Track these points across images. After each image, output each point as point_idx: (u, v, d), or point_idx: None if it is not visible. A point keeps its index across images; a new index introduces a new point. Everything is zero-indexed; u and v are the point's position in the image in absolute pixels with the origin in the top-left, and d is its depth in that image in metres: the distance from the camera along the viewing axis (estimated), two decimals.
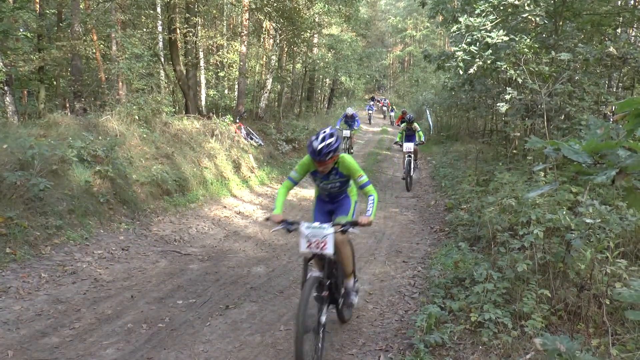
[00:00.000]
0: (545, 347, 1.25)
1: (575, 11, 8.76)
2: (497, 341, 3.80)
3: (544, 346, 1.26)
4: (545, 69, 7.52)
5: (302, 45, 19.19)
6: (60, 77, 15.70)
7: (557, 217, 4.49)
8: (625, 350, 3.36)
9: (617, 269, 3.88)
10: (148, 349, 3.96)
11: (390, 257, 6.72)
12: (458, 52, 8.49)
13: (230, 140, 12.07)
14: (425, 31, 43.43)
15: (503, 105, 8.22)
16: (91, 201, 6.97)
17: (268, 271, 6.07)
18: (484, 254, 5.66)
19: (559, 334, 3.88)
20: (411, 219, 9.06)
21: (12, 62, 11.50)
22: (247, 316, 4.70)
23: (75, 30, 11.66)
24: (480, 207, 6.81)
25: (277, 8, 15.47)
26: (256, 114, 17.22)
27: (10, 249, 5.41)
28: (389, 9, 51.42)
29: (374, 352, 4.03)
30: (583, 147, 1.27)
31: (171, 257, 6.44)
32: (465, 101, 16.19)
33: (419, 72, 36.78)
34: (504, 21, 8.99)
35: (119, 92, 12.87)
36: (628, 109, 1.30)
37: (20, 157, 6.34)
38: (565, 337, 1.28)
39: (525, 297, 4.10)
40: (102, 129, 8.46)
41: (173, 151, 9.62)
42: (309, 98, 26.33)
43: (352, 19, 21.67)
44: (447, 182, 11.18)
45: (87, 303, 4.79)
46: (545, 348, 1.25)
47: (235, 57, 18.38)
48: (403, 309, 4.95)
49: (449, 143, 17.85)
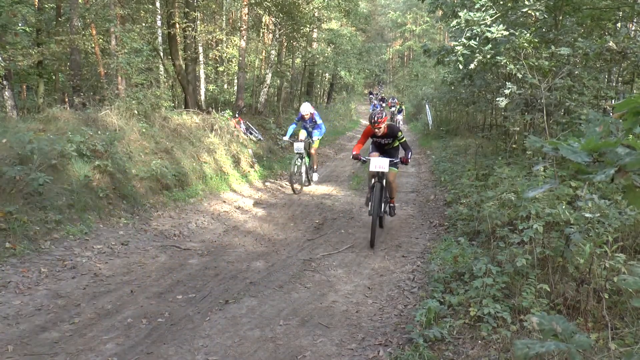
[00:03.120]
0: (542, 327, 1.26)
1: (575, 5, 8.73)
2: (496, 336, 3.81)
3: (540, 325, 1.26)
4: (545, 64, 7.50)
5: (302, 40, 19.14)
6: (59, 71, 15.65)
7: (556, 212, 4.49)
8: (624, 345, 3.38)
9: (616, 263, 3.89)
10: (148, 343, 3.97)
11: (389, 252, 6.73)
12: (458, 47, 8.47)
13: (230, 135, 12.05)
14: (425, 26, 43.33)
15: (503, 100, 8.21)
16: (90, 196, 6.97)
17: (267, 266, 6.07)
18: (483, 249, 5.67)
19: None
20: (410, 213, 9.07)
21: (11, 57, 11.45)
22: (246, 311, 4.71)
23: (74, 24, 11.61)
24: (480, 202, 6.82)
25: (277, 3, 15.42)
26: (255, 109, 17.21)
27: (10, 244, 5.41)
28: (389, 4, 51.26)
29: (373, 347, 4.04)
30: (582, 146, 1.27)
31: (171, 252, 6.45)
32: (464, 96, 16.15)
33: (418, 66, 36.75)
34: (503, 16, 8.96)
35: (118, 87, 12.83)
36: (626, 107, 1.29)
37: (20, 151, 6.33)
38: (562, 317, 1.29)
39: (525, 292, 4.11)
40: (101, 124, 8.44)
41: (172, 146, 9.61)
42: (308, 93, 26.29)
43: (351, 13, 21.64)
44: (447, 177, 11.18)
45: (87, 298, 4.79)
46: (542, 327, 1.26)
47: (235, 51, 18.34)
48: (402, 304, 4.96)
49: (448, 138, 17.83)
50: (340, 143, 18.92)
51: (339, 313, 4.73)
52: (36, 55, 12.37)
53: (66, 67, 14.19)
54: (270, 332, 4.27)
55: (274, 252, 6.71)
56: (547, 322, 1.25)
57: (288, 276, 5.71)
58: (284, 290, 5.28)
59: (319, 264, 6.17)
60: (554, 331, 1.24)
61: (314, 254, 6.61)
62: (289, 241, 7.26)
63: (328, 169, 13.88)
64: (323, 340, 4.15)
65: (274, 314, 4.67)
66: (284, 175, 12.71)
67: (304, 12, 16.70)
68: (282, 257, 6.49)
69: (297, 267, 6.03)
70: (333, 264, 6.21)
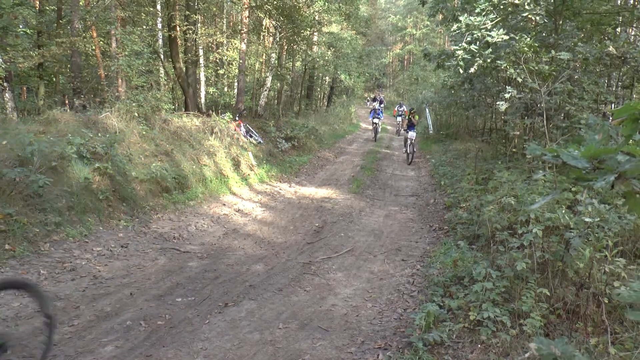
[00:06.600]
0: (540, 352, 1.26)
1: (575, 10, 8.76)
2: (496, 340, 3.81)
3: (539, 351, 1.26)
4: (545, 68, 7.52)
5: (302, 43, 19.17)
6: (59, 73, 15.67)
7: (556, 216, 4.50)
8: (624, 349, 3.38)
9: (616, 268, 3.89)
10: (147, 346, 3.97)
11: (389, 256, 6.73)
12: (458, 51, 8.48)
13: (230, 137, 12.06)
14: (425, 30, 43.36)
15: (503, 104, 8.23)
16: (90, 198, 6.97)
17: (267, 269, 6.07)
18: (483, 253, 5.67)
19: (557, 333, 3.89)
20: (410, 217, 9.07)
21: (11, 59, 11.45)
22: (246, 314, 4.70)
23: (74, 27, 11.63)
24: (480, 206, 6.82)
25: (277, 6, 15.45)
26: (256, 112, 17.22)
27: (10, 246, 5.40)
28: (389, 7, 51.35)
29: (372, 351, 4.04)
30: (582, 153, 1.27)
31: (170, 255, 6.44)
32: (464, 100, 16.17)
33: (418, 70, 36.80)
34: (504, 20, 8.98)
35: (119, 89, 12.85)
36: (625, 114, 1.30)
37: (20, 153, 6.34)
38: (562, 339, 1.29)
39: (524, 296, 4.11)
40: (101, 126, 8.45)
41: (172, 148, 9.61)
42: (308, 96, 26.30)
43: (352, 17, 21.68)
44: (447, 181, 11.19)
45: (86, 300, 4.79)
46: (541, 352, 1.26)
47: (235, 54, 18.37)
48: (402, 307, 4.96)
49: (448, 141, 17.85)
50: (340, 146, 18.92)
51: (338, 316, 4.73)
52: (37, 57, 12.37)
53: (67, 69, 14.22)
54: (270, 335, 4.26)
55: (273, 255, 6.70)
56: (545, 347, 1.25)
57: (287, 279, 5.70)
58: (283, 294, 5.27)
59: (318, 267, 6.17)
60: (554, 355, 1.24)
61: (313, 257, 6.60)
62: (289, 244, 7.26)
63: (328, 172, 13.88)
64: (322, 344, 4.14)
65: (273, 317, 4.67)
66: (283, 178, 12.72)
67: (305, 16, 16.74)
68: (282, 260, 6.49)
69: (297, 270, 6.02)
70: (333, 267, 6.21)
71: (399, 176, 13.42)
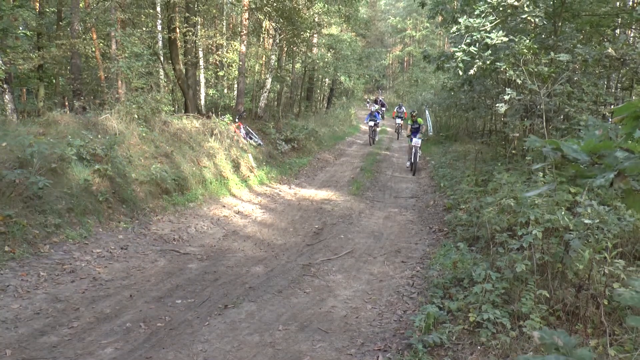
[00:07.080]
0: (543, 341, 1.26)
1: (574, 12, 8.77)
2: (496, 341, 3.81)
3: (541, 339, 1.26)
4: (544, 70, 7.53)
5: (302, 45, 19.18)
6: (59, 75, 15.69)
7: (555, 218, 4.50)
8: (623, 351, 3.37)
9: (615, 270, 3.89)
10: (147, 348, 3.97)
11: (389, 257, 6.73)
12: (458, 53, 8.49)
13: (230, 139, 12.06)
14: (425, 31, 43.39)
15: (502, 106, 8.23)
16: (90, 200, 6.97)
17: (267, 271, 6.07)
18: (482, 254, 5.67)
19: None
20: (410, 219, 9.07)
21: (11, 60, 11.46)
22: (245, 316, 4.70)
23: (74, 28, 11.65)
24: (479, 208, 6.82)
25: (277, 8, 15.47)
26: (255, 114, 17.22)
27: (9, 247, 5.40)
28: (389, 9, 51.37)
29: (372, 352, 4.04)
30: (582, 147, 1.27)
31: (170, 257, 6.44)
32: (464, 101, 16.19)
33: (418, 72, 36.81)
34: (503, 22, 8.99)
35: (119, 91, 12.86)
36: (626, 112, 1.30)
37: (20, 155, 6.34)
38: (563, 331, 1.29)
39: (524, 298, 4.11)
40: (101, 128, 8.45)
41: (172, 150, 9.61)
42: (308, 98, 26.31)
43: (351, 19, 21.70)
44: (446, 183, 11.19)
45: (86, 302, 4.78)
46: (543, 341, 1.26)
47: (235, 56, 18.37)
48: (402, 309, 4.96)
49: (448, 143, 17.86)
50: (339, 148, 18.92)
51: (338, 318, 4.73)
52: (37, 59, 12.39)
53: (66, 71, 14.23)
54: (270, 337, 4.26)
55: (273, 257, 6.70)
56: (548, 336, 1.25)
57: (287, 281, 5.70)
58: (283, 295, 5.27)
59: (318, 269, 6.16)
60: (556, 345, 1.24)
61: (313, 259, 6.60)
62: (289, 246, 7.26)
63: (328, 174, 13.88)
64: (322, 346, 4.14)
65: (273, 318, 4.66)
66: (283, 179, 12.72)
67: (304, 18, 16.76)
68: (282, 262, 6.49)
69: (297, 272, 6.02)
70: (332, 269, 6.21)
71: (398, 178, 13.43)
